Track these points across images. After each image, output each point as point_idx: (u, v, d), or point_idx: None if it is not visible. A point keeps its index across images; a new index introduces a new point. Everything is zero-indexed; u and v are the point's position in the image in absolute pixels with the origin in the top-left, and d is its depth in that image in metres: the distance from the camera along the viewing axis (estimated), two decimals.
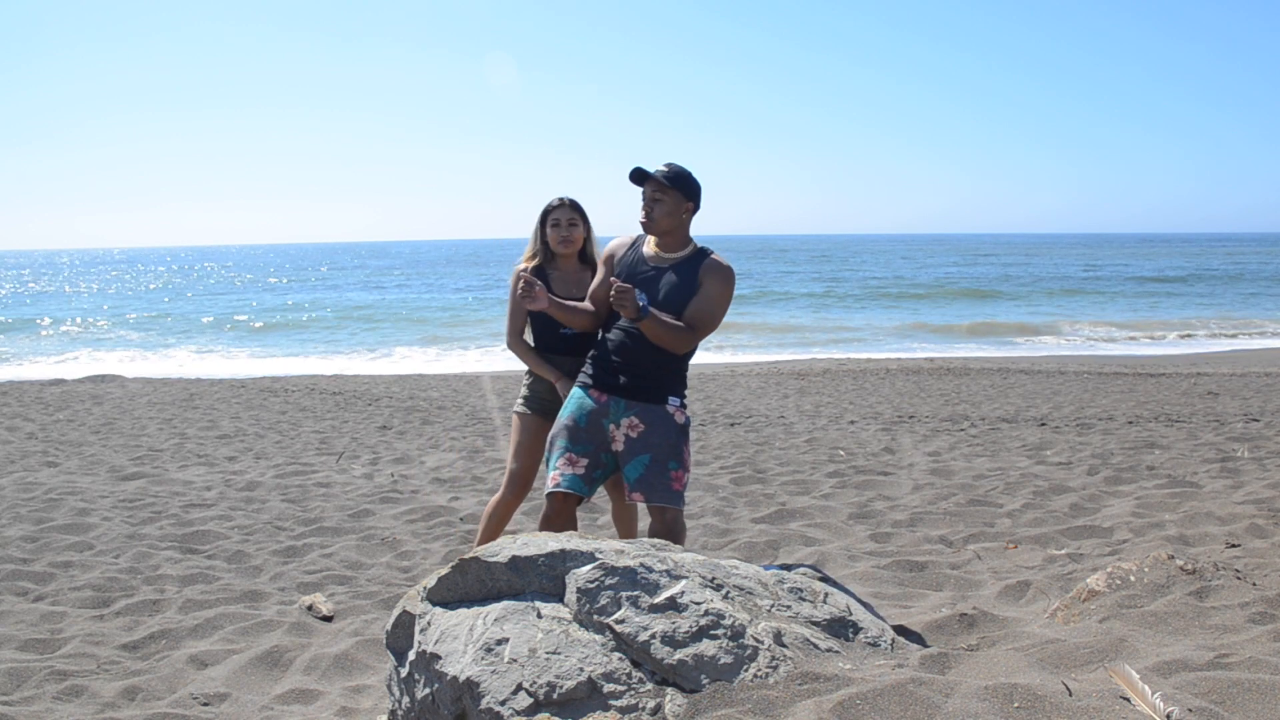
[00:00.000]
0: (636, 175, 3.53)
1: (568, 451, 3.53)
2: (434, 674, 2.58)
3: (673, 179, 3.48)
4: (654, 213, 3.49)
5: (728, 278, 3.54)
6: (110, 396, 12.65)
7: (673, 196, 3.49)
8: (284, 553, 5.17)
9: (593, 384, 3.58)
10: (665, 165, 3.51)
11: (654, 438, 3.49)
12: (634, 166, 3.52)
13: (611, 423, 3.53)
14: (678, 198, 3.50)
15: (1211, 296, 35.94)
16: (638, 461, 3.49)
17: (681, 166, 3.54)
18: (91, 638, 3.90)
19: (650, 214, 3.50)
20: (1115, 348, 21.95)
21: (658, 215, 3.49)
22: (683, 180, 3.51)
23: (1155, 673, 2.45)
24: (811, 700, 2.24)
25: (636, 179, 3.54)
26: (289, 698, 3.38)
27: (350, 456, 8.13)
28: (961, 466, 6.94)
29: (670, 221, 3.52)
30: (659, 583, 2.60)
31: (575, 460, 3.52)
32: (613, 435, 3.53)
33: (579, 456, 3.52)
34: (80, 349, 23.98)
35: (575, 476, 3.50)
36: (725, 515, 5.71)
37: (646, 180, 3.50)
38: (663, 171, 3.48)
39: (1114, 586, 3.33)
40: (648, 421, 3.50)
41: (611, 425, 3.53)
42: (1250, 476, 5.98)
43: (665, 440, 3.50)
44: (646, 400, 3.52)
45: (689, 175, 3.54)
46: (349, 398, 12.39)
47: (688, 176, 3.53)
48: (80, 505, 6.15)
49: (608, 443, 3.54)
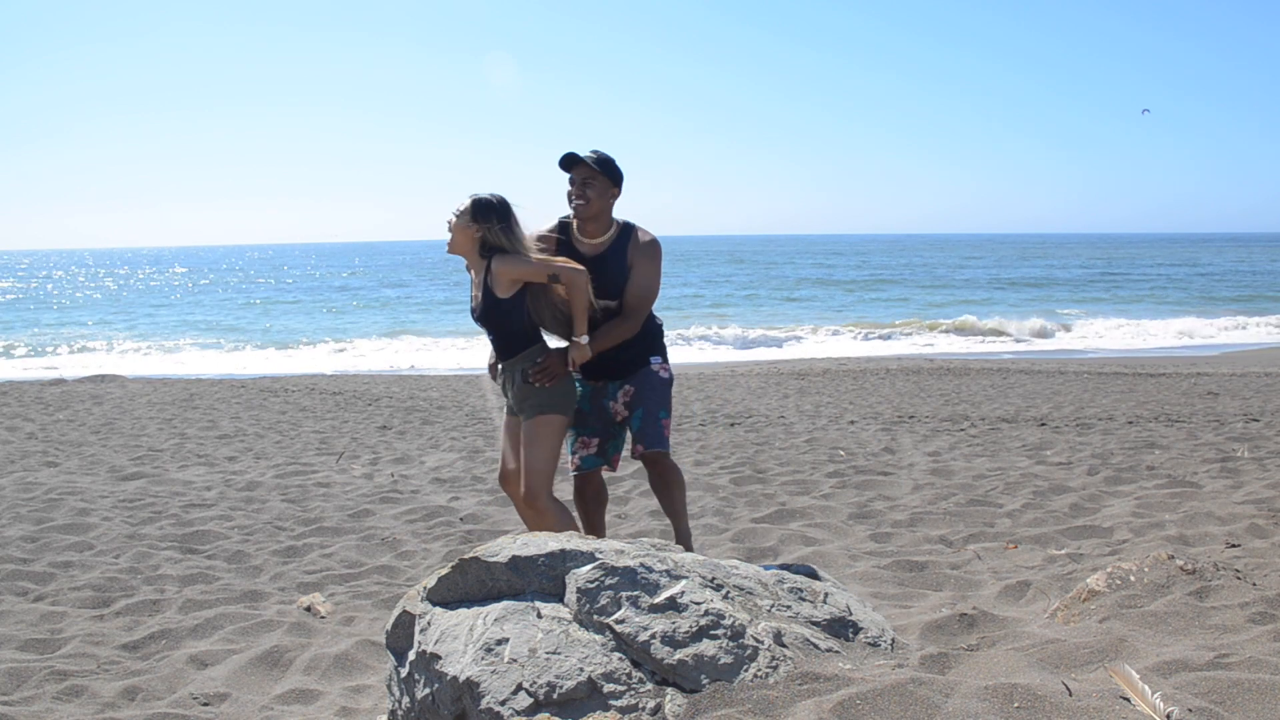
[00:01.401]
0: (566, 161, 3.81)
1: (580, 436, 3.97)
2: (434, 674, 2.58)
3: (601, 163, 3.79)
4: (587, 193, 3.78)
5: (655, 253, 3.89)
6: (110, 396, 12.65)
7: (602, 181, 3.80)
8: (284, 553, 5.17)
9: (584, 375, 3.94)
10: (593, 151, 3.81)
11: (643, 393, 3.90)
12: (565, 152, 3.80)
13: (610, 400, 3.94)
14: (606, 182, 3.81)
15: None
16: (635, 416, 3.90)
17: (606, 153, 3.84)
18: (91, 638, 3.90)
19: (584, 195, 3.78)
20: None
21: (591, 196, 3.79)
22: (609, 165, 3.82)
23: (1155, 673, 2.45)
24: (811, 700, 2.24)
25: (566, 165, 3.81)
26: (289, 698, 3.37)
27: (350, 456, 8.13)
28: (961, 466, 6.93)
29: (600, 204, 3.81)
30: (659, 583, 2.60)
31: (588, 442, 3.98)
32: (615, 410, 3.94)
33: (590, 438, 3.97)
34: (80, 349, 23.99)
35: (590, 455, 3.98)
36: (725, 515, 5.71)
37: (576, 165, 3.80)
38: (591, 157, 3.79)
39: (1114, 586, 3.33)
40: (636, 384, 3.92)
41: (611, 402, 3.94)
42: (1250, 476, 5.97)
43: (653, 393, 3.90)
44: (632, 371, 3.93)
45: (614, 161, 3.85)
46: (349, 398, 12.39)
47: (613, 161, 3.84)
48: (80, 505, 6.15)
49: (612, 416, 3.95)
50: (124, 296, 45.64)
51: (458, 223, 3.74)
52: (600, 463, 3.99)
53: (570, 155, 3.79)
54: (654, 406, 3.87)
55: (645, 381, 3.90)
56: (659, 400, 3.90)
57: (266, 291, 47.48)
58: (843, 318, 29.35)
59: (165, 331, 28.80)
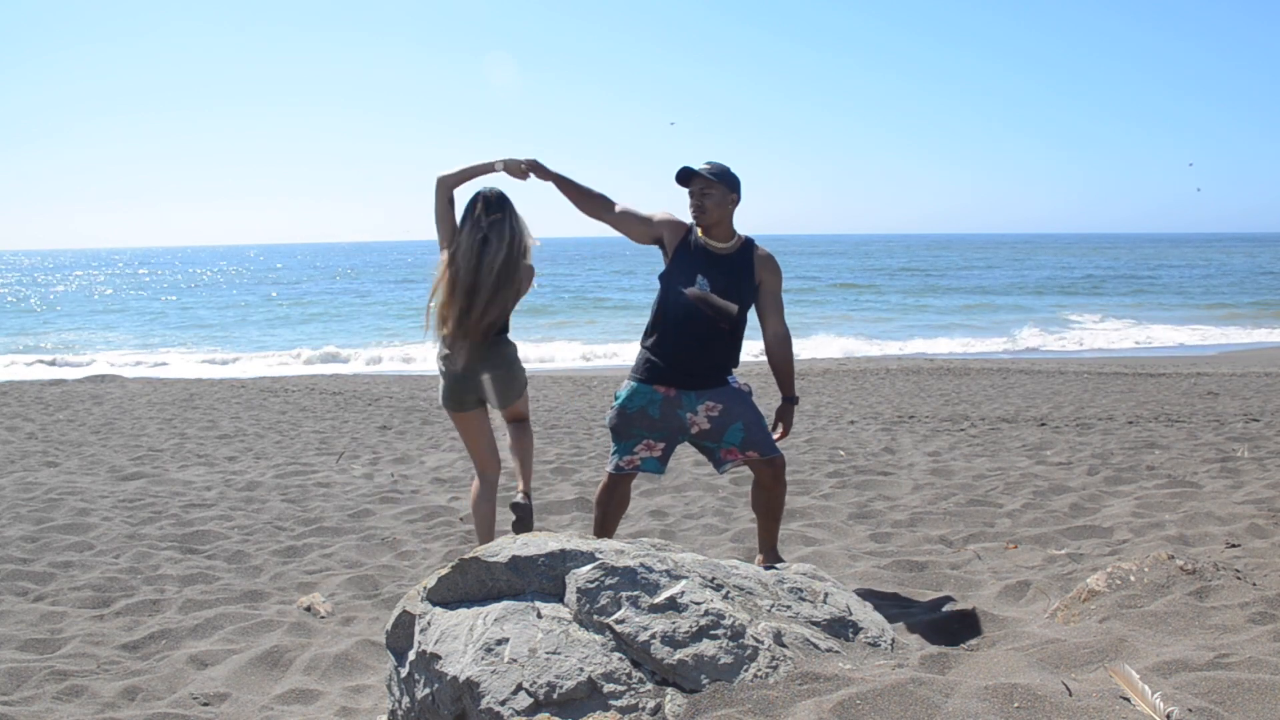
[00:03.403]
0: (683, 175, 3.89)
1: (646, 438, 3.97)
2: (434, 674, 2.58)
3: (718, 174, 3.88)
4: (705, 204, 3.86)
5: (778, 267, 4.01)
6: (110, 396, 12.65)
7: (720, 189, 3.87)
8: (284, 553, 5.17)
9: (658, 380, 3.93)
10: (708, 163, 3.90)
11: (737, 408, 3.93)
12: (681, 167, 3.87)
13: (688, 411, 3.92)
14: (724, 190, 3.88)
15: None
16: (734, 430, 3.92)
17: (721, 163, 3.91)
18: (91, 638, 3.90)
19: (702, 205, 3.87)
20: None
21: (709, 205, 3.86)
22: (727, 174, 3.90)
23: (1155, 673, 2.45)
24: (811, 700, 2.24)
25: (683, 179, 3.89)
26: (289, 698, 3.37)
27: (350, 456, 8.13)
28: (961, 466, 6.93)
29: (720, 212, 3.89)
30: (659, 583, 2.60)
31: (653, 445, 3.99)
32: (691, 421, 3.94)
33: (656, 442, 3.99)
34: (80, 349, 24.00)
35: (653, 459, 4.01)
36: (725, 515, 5.71)
37: (694, 178, 3.88)
38: (707, 168, 3.87)
39: (1114, 586, 3.33)
40: (722, 400, 3.92)
41: (689, 414, 3.93)
42: (1250, 476, 5.97)
43: (748, 406, 3.96)
44: (714, 386, 3.94)
45: (729, 169, 3.92)
46: (349, 398, 12.39)
47: (729, 170, 3.91)
48: (80, 505, 6.15)
49: (686, 427, 3.95)
50: (125, 296, 45.66)
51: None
52: (661, 469, 4.03)
53: (685, 170, 3.86)
54: (755, 416, 3.94)
55: (733, 398, 3.94)
56: (756, 411, 3.96)
57: (271, 289, 47.61)
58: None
59: (165, 332, 28.88)
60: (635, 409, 3.94)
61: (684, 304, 3.87)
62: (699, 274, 3.87)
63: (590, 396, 12.52)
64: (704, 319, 3.86)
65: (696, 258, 3.90)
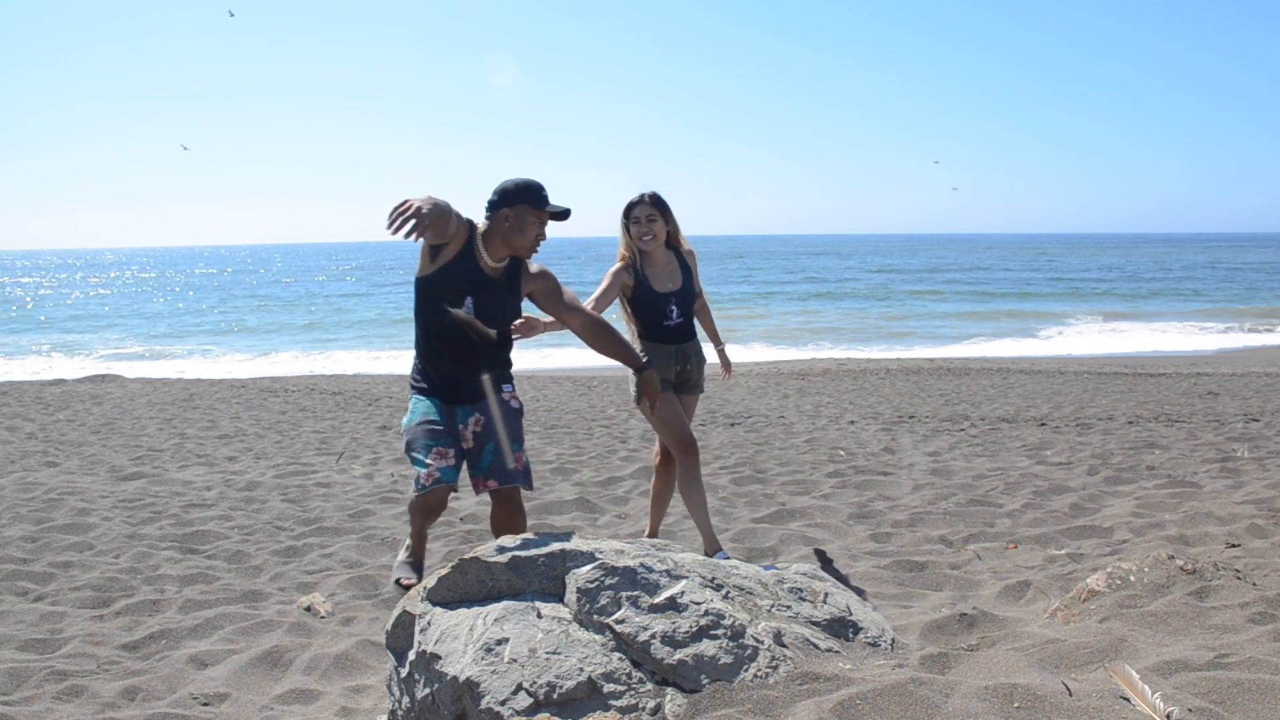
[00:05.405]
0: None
1: (435, 446, 3.53)
2: (434, 674, 2.58)
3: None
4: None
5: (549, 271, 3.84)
6: (110, 396, 12.65)
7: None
8: (284, 553, 5.17)
9: (435, 393, 3.63)
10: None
11: (496, 426, 3.62)
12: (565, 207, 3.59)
13: (460, 423, 3.63)
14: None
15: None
16: (486, 451, 3.60)
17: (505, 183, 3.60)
18: (91, 638, 3.90)
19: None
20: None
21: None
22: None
23: (1155, 673, 2.45)
24: (811, 700, 2.24)
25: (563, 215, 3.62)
26: (289, 698, 3.37)
27: (350, 456, 8.13)
28: (961, 466, 6.93)
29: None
30: (659, 583, 2.60)
31: (444, 453, 3.52)
32: (462, 435, 3.62)
33: (446, 449, 3.54)
34: (81, 349, 24.00)
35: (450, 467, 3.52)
36: (725, 515, 5.71)
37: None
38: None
39: (1114, 586, 3.33)
40: (487, 414, 3.62)
41: (461, 425, 3.63)
42: (1250, 476, 5.97)
43: (507, 426, 3.62)
44: (483, 399, 3.63)
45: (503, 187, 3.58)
46: (349, 398, 12.39)
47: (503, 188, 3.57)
48: (80, 505, 6.15)
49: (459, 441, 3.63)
50: (125, 296, 45.66)
51: (661, 222, 4.39)
52: (454, 476, 3.51)
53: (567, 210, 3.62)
54: (508, 439, 3.60)
55: (498, 413, 3.62)
56: (512, 433, 3.61)
57: (274, 290, 47.62)
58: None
59: (167, 331, 28.91)
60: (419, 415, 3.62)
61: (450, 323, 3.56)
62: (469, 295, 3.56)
63: (590, 396, 12.52)
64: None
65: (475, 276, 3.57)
